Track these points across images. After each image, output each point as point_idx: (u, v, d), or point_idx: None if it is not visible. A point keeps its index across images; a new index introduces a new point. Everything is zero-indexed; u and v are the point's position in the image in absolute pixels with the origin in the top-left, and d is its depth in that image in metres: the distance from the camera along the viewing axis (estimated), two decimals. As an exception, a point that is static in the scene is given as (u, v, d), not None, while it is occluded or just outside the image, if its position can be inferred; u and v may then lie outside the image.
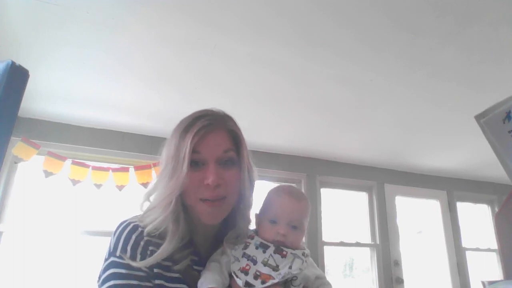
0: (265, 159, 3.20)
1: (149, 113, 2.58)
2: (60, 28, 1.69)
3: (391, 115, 2.61)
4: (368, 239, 3.52)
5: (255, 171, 0.84)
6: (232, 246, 0.77)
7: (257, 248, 0.75)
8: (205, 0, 1.53)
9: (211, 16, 1.62)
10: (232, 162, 0.77)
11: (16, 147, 2.44)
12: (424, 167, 3.75)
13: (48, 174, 2.51)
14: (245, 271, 0.71)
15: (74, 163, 2.59)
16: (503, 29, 1.68)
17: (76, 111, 2.55)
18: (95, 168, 2.64)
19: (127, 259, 0.69)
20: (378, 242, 3.47)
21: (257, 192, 0.85)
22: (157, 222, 0.72)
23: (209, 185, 0.73)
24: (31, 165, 2.54)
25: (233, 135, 0.80)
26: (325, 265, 3.22)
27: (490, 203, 4.18)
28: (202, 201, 0.75)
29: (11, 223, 2.42)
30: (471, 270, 3.71)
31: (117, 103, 2.43)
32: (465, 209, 4.03)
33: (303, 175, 3.38)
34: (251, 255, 0.74)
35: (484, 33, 1.71)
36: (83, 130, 2.74)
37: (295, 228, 0.77)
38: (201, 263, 0.77)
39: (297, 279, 0.74)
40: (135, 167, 2.72)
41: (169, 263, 0.72)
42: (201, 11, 1.59)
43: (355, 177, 3.58)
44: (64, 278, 2.43)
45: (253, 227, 0.83)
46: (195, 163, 0.74)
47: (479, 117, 1.13)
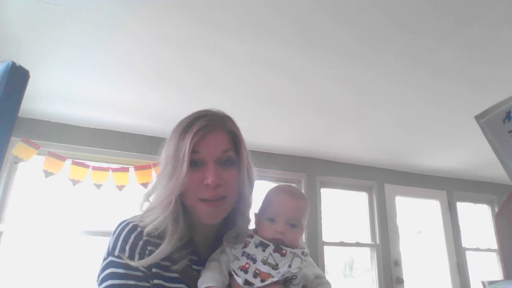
0: (265, 159, 3.20)
1: (149, 113, 2.58)
2: (60, 28, 1.69)
3: (391, 115, 2.61)
4: (368, 239, 3.52)
5: (255, 171, 0.84)
6: (231, 245, 0.77)
7: (256, 246, 0.75)
8: (205, 0, 1.53)
9: (211, 16, 1.62)
10: (231, 162, 0.78)
11: (16, 147, 2.44)
12: (424, 167, 3.75)
13: (48, 174, 2.51)
14: (245, 270, 0.72)
15: (74, 163, 2.60)
16: (503, 29, 1.68)
17: (76, 111, 2.55)
18: (95, 168, 2.64)
19: (125, 259, 0.69)
20: (378, 242, 3.47)
21: (257, 192, 0.85)
22: (157, 222, 0.72)
23: (209, 185, 0.73)
24: (31, 165, 2.54)
25: (232, 135, 0.80)
26: (325, 265, 3.22)
27: (490, 203, 4.18)
28: (201, 201, 0.75)
29: (11, 223, 2.42)
30: (471, 270, 3.71)
31: (117, 103, 2.43)
32: (465, 209, 4.03)
33: (303, 175, 3.38)
34: (251, 254, 0.74)
35: (484, 33, 1.71)
36: (83, 130, 2.74)
37: (294, 226, 0.77)
38: (201, 262, 0.77)
39: (297, 278, 0.74)
40: (135, 167, 2.72)
41: (167, 263, 0.72)
42: (201, 11, 1.59)
43: (355, 177, 3.58)
44: (64, 278, 2.43)
45: (252, 226, 0.83)
46: (194, 163, 0.74)
47: (479, 117, 1.13)
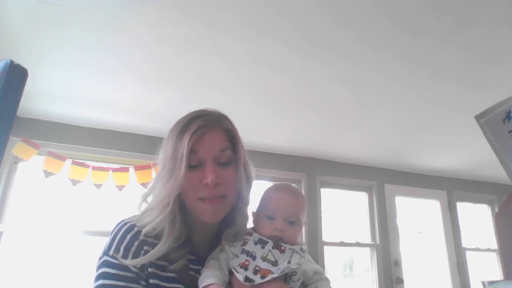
0: (265, 159, 3.20)
1: (149, 113, 2.58)
2: (60, 28, 1.69)
3: (391, 115, 2.61)
4: (368, 239, 3.52)
5: (252, 169, 0.85)
6: (230, 243, 0.77)
7: (255, 244, 0.75)
8: (205, 0, 1.53)
9: (211, 16, 1.62)
10: (229, 160, 0.78)
11: (16, 147, 2.44)
12: (424, 167, 3.75)
13: (48, 174, 2.51)
14: (245, 267, 0.72)
15: (74, 163, 2.59)
16: (503, 29, 1.68)
17: (76, 111, 2.55)
18: (95, 168, 2.64)
19: (119, 259, 0.70)
20: (378, 242, 3.46)
21: (257, 191, 0.85)
22: (155, 222, 0.72)
23: (208, 184, 0.73)
24: (31, 165, 2.54)
25: (229, 134, 0.80)
26: (325, 265, 3.22)
27: (490, 203, 4.17)
28: (201, 200, 0.75)
29: (11, 223, 2.42)
30: (471, 270, 3.71)
31: (117, 103, 2.42)
32: (465, 209, 4.03)
33: (303, 175, 3.38)
34: (250, 251, 0.74)
35: (484, 33, 1.71)
36: (83, 130, 2.74)
37: (292, 223, 0.78)
38: (199, 262, 0.77)
39: (296, 274, 0.74)
40: (135, 167, 2.72)
41: (164, 263, 0.72)
42: (201, 11, 1.59)
43: (355, 177, 3.58)
44: (64, 278, 2.43)
45: (250, 224, 0.83)
46: (192, 164, 0.74)
47: (479, 117, 1.13)
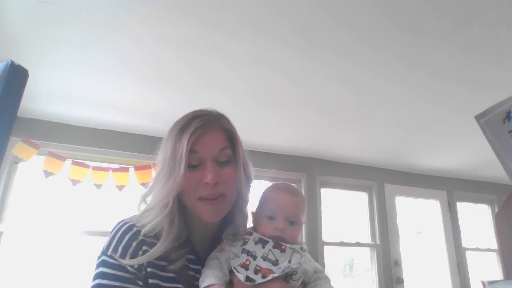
0: (265, 159, 3.20)
1: (149, 113, 2.58)
2: (60, 28, 1.69)
3: (391, 115, 2.61)
4: (368, 239, 3.52)
5: (252, 168, 0.85)
6: (230, 242, 0.77)
7: (256, 243, 0.75)
8: (205, 0, 1.53)
9: (211, 16, 1.62)
10: (228, 160, 0.78)
11: (16, 147, 2.44)
12: (424, 167, 3.75)
13: (48, 174, 2.51)
14: (246, 266, 0.72)
15: (74, 163, 2.60)
16: (503, 29, 1.68)
17: (76, 111, 2.55)
18: (95, 168, 2.64)
19: (117, 259, 0.70)
20: (378, 242, 3.46)
21: (256, 191, 0.86)
22: (154, 222, 0.72)
23: (208, 184, 0.73)
24: (31, 165, 2.54)
25: (228, 133, 0.81)
26: (325, 265, 3.22)
27: (490, 203, 4.17)
28: (201, 200, 0.75)
29: (11, 223, 2.42)
30: (471, 270, 3.71)
31: (117, 103, 2.43)
32: (465, 209, 4.03)
33: (303, 175, 3.38)
34: (251, 251, 0.74)
35: (484, 33, 1.71)
36: (83, 130, 2.74)
37: (293, 223, 0.78)
38: (199, 262, 0.77)
39: (297, 273, 0.74)
40: (135, 167, 2.72)
41: (164, 263, 0.72)
42: (201, 11, 1.59)
43: (355, 177, 3.58)
44: (64, 278, 2.43)
45: (250, 224, 0.83)
46: (192, 163, 0.75)
47: (479, 117, 1.13)
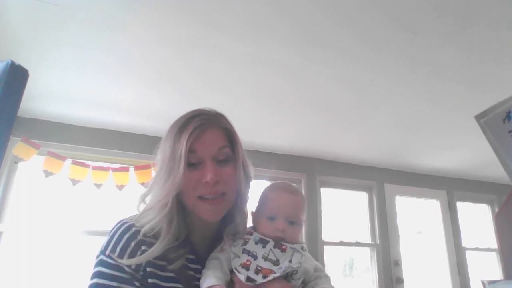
0: (265, 159, 3.20)
1: (149, 113, 2.58)
2: (60, 28, 1.69)
3: (391, 115, 2.61)
4: (368, 239, 3.52)
5: (251, 167, 0.85)
6: (231, 242, 0.77)
7: (256, 243, 0.75)
8: (205, 0, 1.53)
9: (211, 16, 1.62)
10: (228, 158, 0.78)
11: (16, 147, 2.44)
12: (424, 167, 3.75)
13: (48, 174, 2.51)
14: (246, 267, 0.72)
15: (74, 163, 2.59)
16: (503, 29, 1.68)
17: (76, 111, 2.55)
18: (95, 168, 2.64)
19: (115, 259, 0.70)
20: (378, 242, 3.46)
21: (256, 191, 0.86)
22: (154, 222, 0.72)
23: (208, 183, 0.73)
24: (31, 165, 2.54)
25: (227, 132, 0.81)
26: (325, 265, 3.22)
27: (490, 203, 4.17)
28: (201, 199, 0.75)
29: (11, 223, 2.42)
30: (471, 270, 3.71)
31: (117, 103, 2.43)
32: (465, 209, 4.03)
33: (303, 175, 3.38)
34: (251, 251, 0.74)
35: (484, 33, 1.71)
36: (83, 130, 2.74)
37: (293, 223, 0.78)
38: (198, 261, 0.77)
39: (297, 272, 0.74)
40: (135, 167, 2.72)
41: (163, 263, 0.72)
42: (201, 11, 1.59)
43: (355, 177, 3.58)
44: (64, 278, 2.43)
45: (249, 223, 0.83)
46: (191, 163, 0.75)
47: (479, 117, 1.13)
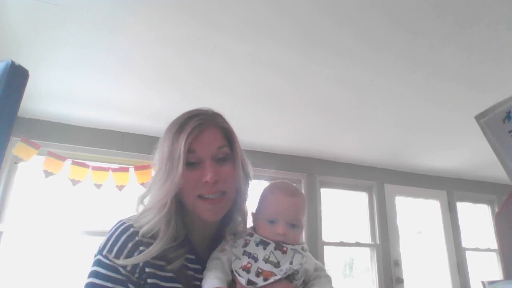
0: (265, 159, 3.20)
1: (149, 113, 2.58)
2: (60, 28, 1.69)
3: (391, 115, 2.61)
4: (368, 239, 3.52)
5: (250, 166, 0.85)
6: (231, 242, 0.77)
7: (257, 245, 0.75)
8: (205, 0, 1.53)
9: (211, 16, 1.62)
10: (226, 157, 0.79)
11: (16, 147, 2.44)
12: (424, 167, 3.75)
13: (48, 174, 2.51)
14: (247, 269, 0.71)
15: (74, 163, 2.59)
16: (503, 29, 1.68)
17: (76, 111, 2.55)
18: (95, 168, 2.64)
19: (111, 259, 0.70)
20: (378, 242, 3.46)
21: (256, 191, 0.86)
22: (153, 222, 0.72)
23: (208, 182, 0.73)
24: (31, 165, 2.54)
25: (225, 131, 0.81)
26: (325, 265, 3.22)
27: (490, 203, 4.17)
28: (201, 198, 0.75)
29: (11, 223, 2.42)
30: (471, 270, 3.71)
31: (117, 103, 2.42)
32: (465, 209, 4.03)
33: (303, 175, 3.38)
34: (252, 253, 0.74)
35: (484, 33, 1.71)
36: (83, 130, 2.74)
37: (294, 226, 0.77)
38: (198, 261, 0.77)
39: (299, 273, 0.74)
40: (135, 167, 2.72)
41: (162, 263, 0.72)
42: (201, 11, 1.59)
43: (355, 177, 3.58)
44: (64, 278, 2.43)
45: (249, 223, 0.83)
46: (190, 163, 0.75)
47: (479, 117, 1.13)
